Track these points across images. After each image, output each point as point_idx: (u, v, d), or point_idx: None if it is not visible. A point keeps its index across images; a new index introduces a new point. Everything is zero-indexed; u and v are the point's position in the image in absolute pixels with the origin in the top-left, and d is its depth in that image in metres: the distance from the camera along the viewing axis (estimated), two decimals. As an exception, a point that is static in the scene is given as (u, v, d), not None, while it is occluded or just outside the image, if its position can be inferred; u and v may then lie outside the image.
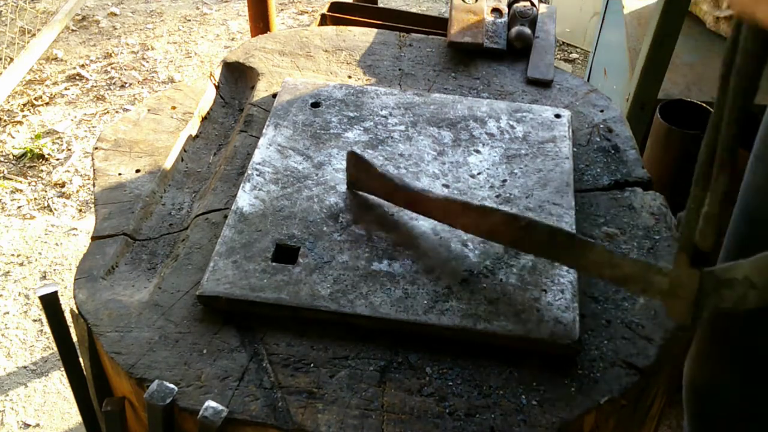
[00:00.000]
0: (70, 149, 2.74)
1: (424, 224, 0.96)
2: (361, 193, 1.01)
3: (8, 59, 3.01)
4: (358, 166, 0.99)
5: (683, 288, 0.76)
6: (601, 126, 1.18)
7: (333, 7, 1.85)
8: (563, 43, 3.33)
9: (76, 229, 2.40)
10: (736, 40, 0.63)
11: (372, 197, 1.00)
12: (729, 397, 1.13)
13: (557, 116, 1.14)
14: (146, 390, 0.79)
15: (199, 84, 1.26)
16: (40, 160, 2.69)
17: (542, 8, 1.44)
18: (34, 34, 3.17)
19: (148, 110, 1.20)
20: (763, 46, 0.62)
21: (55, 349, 1.96)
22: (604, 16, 2.19)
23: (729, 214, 1.08)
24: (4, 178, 2.60)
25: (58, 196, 2.54)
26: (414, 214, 0.97)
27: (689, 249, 0.74)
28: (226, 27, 3.47)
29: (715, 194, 0.69)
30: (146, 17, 3.52)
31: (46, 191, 2.56)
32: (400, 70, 1.30)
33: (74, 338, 0.99)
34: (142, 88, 3.05)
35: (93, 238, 0.99)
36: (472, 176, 1.04)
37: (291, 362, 0.83)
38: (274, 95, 1.22)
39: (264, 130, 1.10)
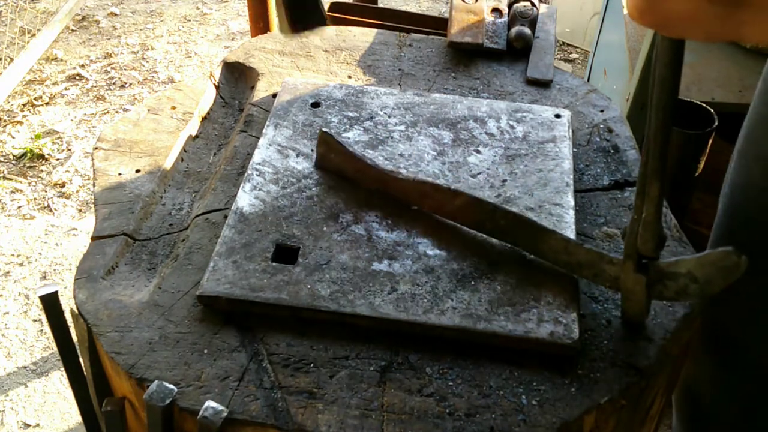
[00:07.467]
0: (70, 149, 2.74)
1: (424, 224, 0.96)
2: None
3: (8, 59, 3.01)
4: (329, 146, 1.01)
5: (633, 293, 0.83)
6: (601, 126, 1.18)
7: (333, 7, 1.85)
8: (563, 43, 3.33)
9: (76, 229, 2.40)
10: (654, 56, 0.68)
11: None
12: (719, 398, 1.13)
13: (557, 116, 1.14)
14: (146, 390, 0.79)
15: (199, 84, 1.26)
16: (40, 160, 2.69)
17: (542, 8, 1.44)
18: (34, 34, 3.17)
19: (148, 110, 1.20)
20: (676, 59, 0.66)
21: (55, 349, 1.96)
22: (604, 16, 2.19)
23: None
24: (4, 178, 2.60)
25: (58, 196, 2.54)
26: (414, 214, 0.97)
27: (634, 257, 0.79)
28: (226, 27, 3.47)
29: (651, 201, 0.75)
30: (146, 17, 3.52)
31: (46, 191, 2.56)
32: (400, 70, 1.30)
33: (74, 338, 1.00)
34: (142, 88, 3.05)
35: (93, 238, 0.99)
36: (472, 176, 1.04)
37: (291, 362, 0.83)
38: (274, 95, 1.22)
39: (264, 130, 1.10)
